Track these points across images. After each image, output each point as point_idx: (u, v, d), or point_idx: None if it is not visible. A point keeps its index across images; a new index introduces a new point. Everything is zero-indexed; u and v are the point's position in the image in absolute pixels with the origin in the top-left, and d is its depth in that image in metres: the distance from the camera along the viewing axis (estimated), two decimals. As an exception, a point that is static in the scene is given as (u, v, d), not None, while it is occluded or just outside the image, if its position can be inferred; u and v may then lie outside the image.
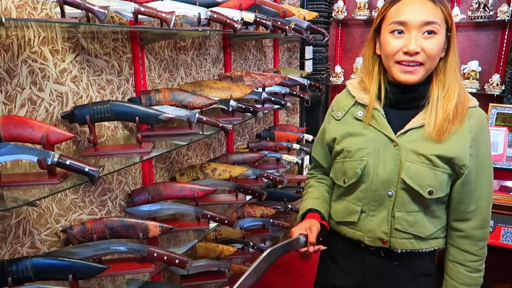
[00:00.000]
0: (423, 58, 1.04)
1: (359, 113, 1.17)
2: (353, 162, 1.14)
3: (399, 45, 1.05)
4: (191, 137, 1.63)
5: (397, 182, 1.10)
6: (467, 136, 1.07)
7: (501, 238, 1.72)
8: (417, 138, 1.09)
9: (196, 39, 2.04)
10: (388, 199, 1.12)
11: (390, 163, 1.10)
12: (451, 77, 1.08)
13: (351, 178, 1.16)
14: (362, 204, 1.16)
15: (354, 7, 3.34)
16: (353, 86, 1.21)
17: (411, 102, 1.12)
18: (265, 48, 2.80)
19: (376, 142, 1.12)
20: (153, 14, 1.35)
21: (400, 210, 1.12)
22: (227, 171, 1.93)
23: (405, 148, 1.09)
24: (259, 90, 2.16)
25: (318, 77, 3.27)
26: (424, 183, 1.07)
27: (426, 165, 1.07)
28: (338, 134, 1.20)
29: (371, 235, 1.16)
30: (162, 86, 1.84)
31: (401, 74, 1.06)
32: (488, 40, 3.10)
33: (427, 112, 1.09)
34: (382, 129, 1.12)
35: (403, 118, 1.12)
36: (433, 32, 1.03)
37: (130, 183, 1.73)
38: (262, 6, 2.09)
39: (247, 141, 2.65)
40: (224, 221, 1.68)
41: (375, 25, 1.14)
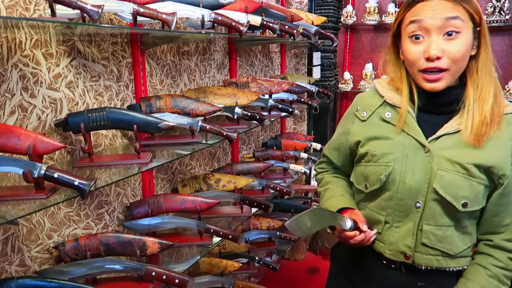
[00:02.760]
0: (447, 63, 0.95)
1: (387, 114, 1.07)
2: (377, 167, 1.05)
3: (420, 50, 0.97)
4: (193, 146, 1.53)
5: (427, 192, 1.00)
6: (507, 144, 0.98)
7: None
8: (452, 144, 0.99)
9: (200, 43, 1.96)
10: (415, 210, 1.02)
11: (420, 170, 1.00)
12: (484, 76, 0.98)
13: (373, 184, 1.06)
14: (386, 213, 1.06)
15: (364, 12, 3.25)
16: (382, 85, 1.12)
17: (444, 107, 1.03)
18: (272, 53, 2.71)
19: (404, 147, 1.02)
20: (153, 15, 1.27)
21: (429, 223, 1.01)
22: (231, 182, 1.83)
23: (438, 155, 0.99)
24: (265, 96, 2.07)
25: (326, 84, 3.18)
26: (458, 194, 0.97)
27: (462, 175, 0.97)
28: (363, 137, 1.10)
29: (393, 248, 1.06)
30: (164, 92, 1.75)
31: (426, 83, 0.99)
32: (504, 45, 2.98)
33: (462, 116, 0.99)
34: (412, 133, 1.02)
35: (435, 123, 1.02)
36: (455, 32, 0.93)
37: (129, 195, 1.63)
38: (269, 10, 2.00)
39: (253, 150, 2.55)
40: (229, 236, 1.58)
41: (393, 29, 1.06)
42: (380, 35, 3.35)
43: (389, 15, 3.15)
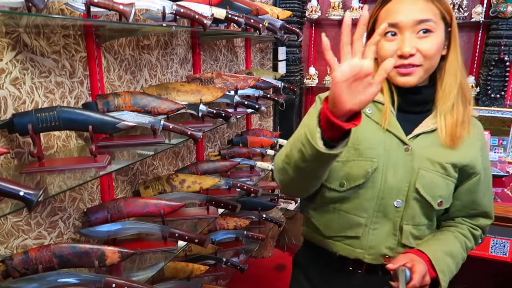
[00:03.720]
0: (420, 59, 0.94)
1: (368, 109, 1.03)
2: (362, 162, 0.99)
3: (393, 48, 0.95)
4: (156, 147, 1.44)
5: (408, 191, 0.98)
6: (477, 144, 1.03)
7: (490, 249, 1.65)
8: (430, 143, 0.99)
9: (161, 37, 1.86)
10: (394, 209, 1.00)
11: (401, 169, 0.98)
12: (448, 76, 0.99)
13: (354, 181, 1.00)
14: (367, 215, 1.01)
15: (328, 7, 3.24)
16: None
17: (419, 106, 1.02)
18: (237, 48, 2.64)
19: (386, 145, 0.99)
20: (109, 6, 1.16)
21: (408, 223, 1.01)
22: (197, 183, 1.75)
23: (418, 154, 0.98)
24: (231, 93, 2.00)
25: (291, 79, 3.15)
26: (436, 193, 0.99)
27: (440, 174, 0.98)
28: None
29: (373, 252, 1.03)
30: (123, 89, 1.64)
31: (399, 77, 0.97)
32: (463, 42, 3.07)
33: (436, 116, 1.00)
34: (393, 131, 1.00)
35: (411, 122, 1.01)
36: (429, 30, 0.93)
37: (86, 200, 1.52)
38: (234, 3, 1.93)
39: (219, 148, 2.48)
40: (195, 240, 1.50)
41: (368, 28, 1.03)
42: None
43: (353, 10, 3.15)
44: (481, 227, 1.11)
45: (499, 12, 2.69)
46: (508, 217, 1.60)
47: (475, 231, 1.10)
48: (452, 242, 1.05)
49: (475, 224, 1.10)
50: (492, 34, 2.78)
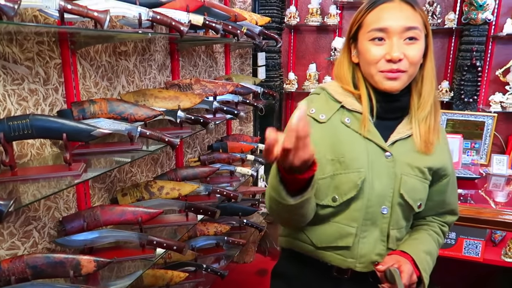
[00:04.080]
0: (406, 65, 0.96)
1: (346, 119, 1.03)
2: (350, 175, 0.99)
3: (381, 52, 0.97)
4: (133, 154, 1.44)
5: (392, 197, 1.01)
6: (445, 147, 1.08)
7: (463, 250, 1.70)
8: (408, 149, 1.03)
9: (139, 43, 1.85)
10: (381, 216, 1.01)
11: (385, 176, 1.00)
12: (427, 85, 1.02)
13: (346, 194, 1.00)
14: (357, 224, 1.02)
15: (307, 13, 3.28)
16: (336, 90, 1.07)
17: (395, 112, 1.05)
18: (216, 54, 2.65)
19: (368, 153, 1.01)
20: (83, 13, 1.15)
21: (393, 228, 1.03)
22: (175, 189, 1.74)
23: (399, 160, 1.01)
24: (210, 99, 2.01)
25: (271, 84, 3.17)
26: (417, 197, 1.03)
27: (419, 178, 1.02)
28: (325, 141, 1.02)
29: (364, 260, 1.03)
30: (100, 96, 1.63)
31: (385, 81, 0.98)
32: (437, 47, 3.15)
33: (410, 122, 1.03)
34: (374, 139, 1.01)
35: (387, 128, 1.04)
36: (415, 38, 0.96)
37: (61, 209, 1.49)
38: (212, 9, 1.94)
39: (199, 154, 2.48)
40: (173, 247, 1.50)
41: (351, 33, 1.04)
42: (323, 36, 3.41)
43: (331, 17, 3.20)
44: (448, 223, 1.17)
45: (471, 19, 2.77)
46: (480, 219, 1.65)
47: (444, 228, 1.16)
48: (428, 241, 1.09)
49: (443, 221, 1.15)
50: (464, 40, 2.87)
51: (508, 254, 1.96)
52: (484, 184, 2.03)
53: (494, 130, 2.47)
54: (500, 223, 1.65)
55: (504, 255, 1.98)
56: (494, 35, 2.93)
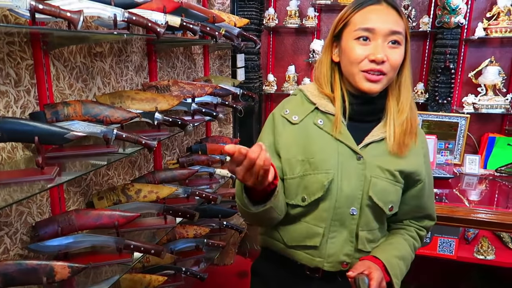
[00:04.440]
0: (388, 68, 0.98)
1: (319, 121, 1.05)
2: (318, 175, 1.01)
3: (365, 52, 0.98)
4: (109, 157, 1.41)
5: (361, 199, 1.02)
6: (421, 152, 1.08)
7: (437, 248, 1.74)
8: (380, 152, 1.04)
9: (115, 44, 1.82)
10: (350, 217, 1.03)
11: (355, 178, 1.02)
12: (404, 90, 1.05)
13: (314, 194, 1.02)
14: (325, 225, 1.04)
15: (285, 15, 3.30)
16: (311, 92, 1.09)
17: (370, 115, 1.06)
18: (195, 55, 2.63)
19: (339, 155, 1.02)
20: (55, 13, 1.13)
21: (363, 229, 1.04)
22: (153, 192, 1.72)
23: (370, 163, 1.02)
24: (188, 100, 1.99)
25: (250, 86, 3.17)
26: (387, 199, 1.03)
27: (390, 181, 1.03)
28: (296, 141, 1.04)
29: (332, 260, 1.05)
30: (74, 97, 1.59)
31: (365, 82, 0.99)
32: (412, 50, 3.21)
33: (385, 125, 1.05)
34: (345, 141, 1.03)
35: (362, 131, 1.05)
36: (398, 42, 0.99)
37: (34, 213, 1.45)
38: (189, 10, 1.93)
39: (177, 156, 2.45)
40: (151, 251, 1.48)
41: (336, 31, 1.05)
42: (301, 38, 3.43)
43: (309, 19, 3.23)
44: (426, 228, 1.18)
45: (444, 22, 2.85)
46: (454, 217, 1.69)
47: (421, 232, 1.17)
48: (403, 246, 1.10)
49: (421, 225, 1.17)
50: (438, 43, 2.94)
51: (480, 251, 2.02)
52: (458, 184, 2.08)
53: (467, 130, 2.54)
54: (472, 221, 1.69)
55: (477, 252, 2.04)
56: (466, 38, 3.02)
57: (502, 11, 2.87)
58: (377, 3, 1.00)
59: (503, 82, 2.96)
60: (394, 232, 1.15)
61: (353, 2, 1.03)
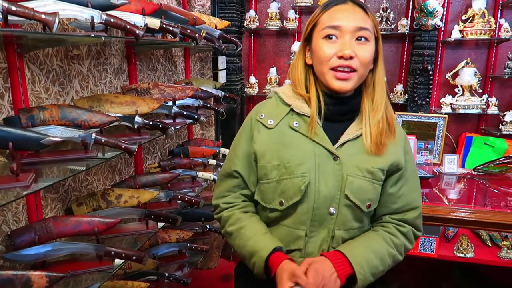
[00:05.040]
0: (357, 64, 1.00)
1: (295, 123, 1.05)
2: (294, 180, 1.01)
3: (333, 50, 1.00)
4: (87, 162, 1.38)
5: (339, 198, 1.02)
6: (399, 144, 1.10)
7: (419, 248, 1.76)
8: (357, 151, 1.04)
9: (93, 46, 1.78)
10: (329, 217, 1.03)
11: (332, 178, 1.02)
12: (378, 89, 1.06)
13: (291, 198, 1.02)
14: (306, 227, 1.04)
15: (266, 17, 3.30)
16: (286, 94, 1.10)
17: (344, 115, 1.07)
18: (175, 57, 2.61)
19: (315, 156, 1.02)
20: (29, 15, 1.09)
21: (339, 229, 1.04)
22: (134, 197, 1.69)
23: (346, 162, 1.02)
24: (169, 103, 1.97)
25: (232, 88, 3.16)
26: (365, 197, 1.03)
27: (367, 179, 1.03)
28: (272, 146, 1.04)
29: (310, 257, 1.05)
30: (51, 101, 1.55)
31: (336, 81, 1.00)
32: (391, 52, 3.27)
33: (361, 124, 1.05)
34: (321, 142, 1.03)
35: (337, 130, 1.06)
36: (366, 38, 1.00)
37: (10, 222, 1.40)
38: (169, 12, 1.91)
39: (159, 159, 2.42)
40: (132, 257, 1.45)
41: (306, 33, 1.07)
42: (282, 40, 3.44)
43: (289, 21, 3.24)
44: (408, 221, 1.11)
45: (421, 25, 2.90)
46: (434, 217, 1.72)
47: (401, 228, 1.10)
48: (373, 238, 1.07)
49: (402, 219, 1.11)
50: (417, 45, 3.00)
51: (460, 249, 2.06)
52: (438, 183, 2.12)
53: (445, 130, 2.59)
54: (452, 220, 1.72)
55: (457, 250, 2.08)
56: (443, 40, 3.08)
57: (477, 14, 2.95)
58: (343, 2, 1.03)
59: (479, 83, 3.04)
60: (368, 231, 1.12)
61: (321, 5, 1.06)
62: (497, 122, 3.04)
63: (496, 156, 2.75)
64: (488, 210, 1.73)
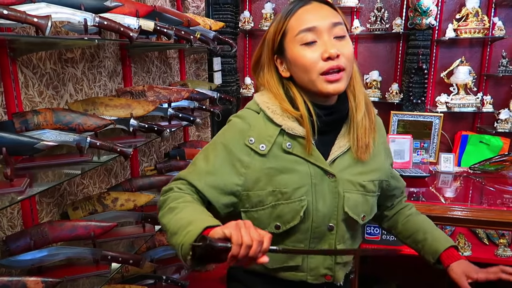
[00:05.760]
0: (344, 62, 0.94)
1: (288, 144, 0.97)
2: (291, 204, 0.96)
3: (317, 54, 0.93)
4: (83, 165, 1.37)
5: (337, 215, 1.00)
6: (381, 149, 1.09)
7: (416, 246, 1.77)
8: (347, 164, 1.02)
9: (87, 49, 1.77)
10: (329, 233, 1.01)
11: (329, 196, 0.99)
12: (357, 84, 1.02)
13: (289, 222, 0.98)
14: (304, 245, 1.02)
15: (261, 18, 3.30)
16: (274, 111, 0.99)
17: (335, 124, 1.03)
18: (170, 59, 2.60)
19: (311, 177, 0.98)
20: (21, 19, 1.08)
21: (339, 242, 1.03)
22: (130, 200, 1.68)
23: (340, 178, 1.00)
24: (164, 106, 1.96)
25: (228, 89, 3.15)
26: (359, 210, 1.02)
27: (360, 193, 1.02)
28: (266, 172, 0.97)
29: (314, 273, 1.04)
30: (45, 105, 1.54)
31: (328, 85, 0.94)
32: (386, 51, 3.28)
33: (349, 134, 1.02)
34: (316, 162, 0.98)
35: (326, 144, 1.01)
36: (342, 35, 0.95)
37: (5, 227, 1.39)
38: (163, 14, 1.90)
39: (155, 162, 2.41)
40: (129, 261, 1.44)
41: (275, 45, 0.99)
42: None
43: (284, 22, 3.24)
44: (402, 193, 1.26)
45: (416, 24, 2.91)
46: (431, 216, 1.70)
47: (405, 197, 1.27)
48: (426, 220, 1.21)
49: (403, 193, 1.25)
50: (411, 44, 3.00)
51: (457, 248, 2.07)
52: (434, 182, 2.12)
53: (441, 129, 2.60)
54: (449, 219, 1.72)
55: (454, 248, 2.08)
56: (438, 39, 3.09)
57: (471, 13, 2.96)
58: (307, 3, 0.96)
59: (473, 82, 3.05)
60: (400, 219, 1.22)
61: (282, 12, 0.98)
62: (492, 120, 3.05)
63: (492, 154, 2.76)
64: (484, 208, 1.74)
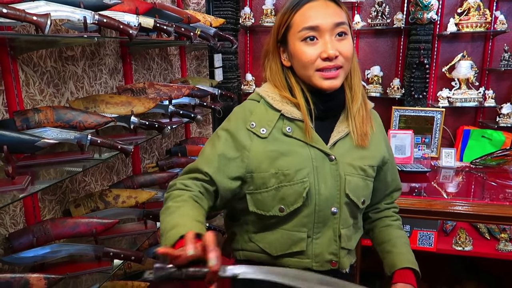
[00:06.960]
0: (342, 61, 0.97)
1: (288, 128, 1.01)
2: (294, 186, 0.99)
3: (316, 52, 0.96)
4: (84, 163, 1.38)
5: (340, 198, 1.02)
6: (380, 137, 1.12)
7: (417, 242, 1.77)
8: (347, 148, 1.04)
9: (87, 47, 1.77)
10: (332, 217, 1.03)
11: (331, 179, 1.01)
12: (355, 78, 1.05)
13: (292, 204, 1.00)
14: (308, 229, 1.03)
15: (261, 14, 3.29)
16: (273, 98, 1.04)
17: (332, 111, 1.06)
18: (171, 56, 2.60)
19: (312, 160, 1.01)
20: (21, 17, 1.09)
21: (343, 227, 1.05)
22: (132, 197, 1.69)
23: (341, 161, 1.02)
24: (165, 103, 1.96)
25: (229, 86, 3.15)
26: (360, 194, 1.05)
27: (361, 176, 1.04)
28: (267, 155, 1.00)
29: (319, 260, 1.04)
30: (46, 103, 1.55)
31: (324, 81, 0.98)
32: (387, 47, 3.26)
33: (347, 119, 1.05)
34: (316, 145, 1.01)
35: (326, 129, 1.04)
36: (345, 33, 0.98)
37: (7, 225, 1.40)
38: (163, 11, 1.90)
39: (156, 159, 2.42)
40: (131, 258, 1.45)
41: (279, 36, 1.03)
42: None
43: (285, 18, 3.23)
44: (394, 199, 1.23)
45: (417, 18, 2.89)
46: (432, 211, 1.72)
47: (394, 209, 1.23)
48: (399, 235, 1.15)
49: (391, 201, 1.22)
50: (412, 39, 2.99)
51: (459, 243, 2.07)
52: (436, 177, 2.12)
53: (443, 124, 2.59)
54: (450, 214, 1.72)
55: (455, 244, 2.08)
56: (439, 34, 3.08)
57: (473, 7, 2.94)
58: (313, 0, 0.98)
59: (475, 76, 3.04)
60: (383, 226, 1.18)
61: (289, 4, 1.00)
62: (494, 114, 3.04)
63: (494, 149, 2.76)
64: (486, 203, 1.74)
